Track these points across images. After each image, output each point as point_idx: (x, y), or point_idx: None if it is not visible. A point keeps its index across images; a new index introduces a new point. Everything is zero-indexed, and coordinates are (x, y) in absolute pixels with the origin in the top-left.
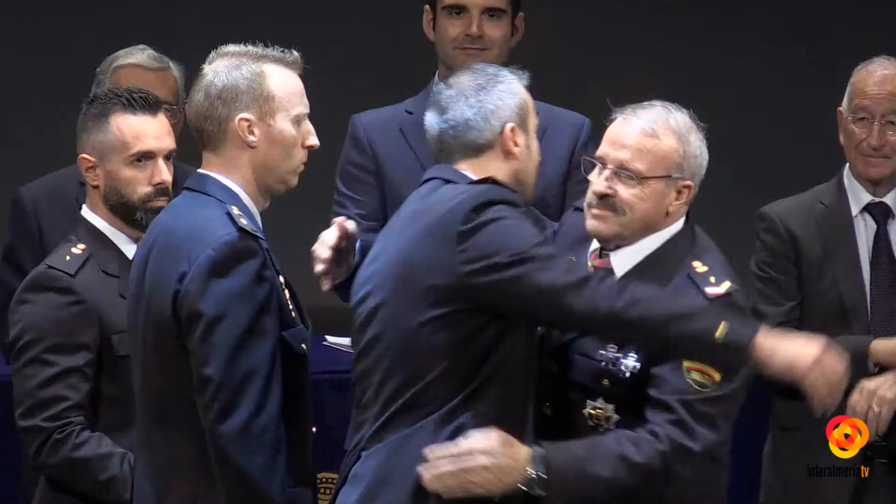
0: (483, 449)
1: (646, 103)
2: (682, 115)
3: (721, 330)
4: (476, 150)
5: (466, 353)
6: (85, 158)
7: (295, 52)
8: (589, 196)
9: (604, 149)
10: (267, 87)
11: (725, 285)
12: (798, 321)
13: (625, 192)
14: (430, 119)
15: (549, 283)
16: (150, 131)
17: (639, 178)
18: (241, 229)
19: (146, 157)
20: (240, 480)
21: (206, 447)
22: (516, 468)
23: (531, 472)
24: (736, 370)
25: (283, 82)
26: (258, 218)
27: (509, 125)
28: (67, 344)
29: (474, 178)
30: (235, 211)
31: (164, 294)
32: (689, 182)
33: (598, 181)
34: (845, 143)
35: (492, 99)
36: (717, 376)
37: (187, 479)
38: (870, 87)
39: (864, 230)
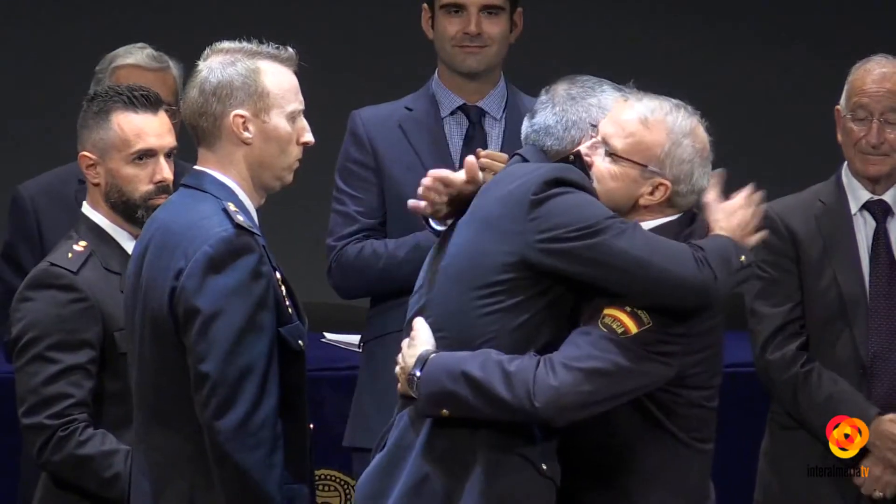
0: (402, 351)
1: (664, 97)
2: (687, 119)
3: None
4: (553, 156)
5: (515, 322)
6: (86, 156)
7: (290, 49)
8: None
9: (602, 121)
10: (262, 83)
11: None
12: (799, 321)
13: (600, 163)
14: (524, 123)
15: (627, 249)
16: (152, 129)
17: (613, 156)
18: (238, 225)
19: (147, 154)
20: (237, 477)
21: (202, 444)
22: (407, 370)
23: (413, 372)
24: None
25: (278, 79)
26: (254, 214)
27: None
28: (70, 341)
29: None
30: (232, 207)
31: (160, 290)
32: (666, 182)
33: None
34: (844, 141)
35: (577, 110)
36: (631, 327)
37: (184, 475)
38: (868, 84)
39: (864, 228)
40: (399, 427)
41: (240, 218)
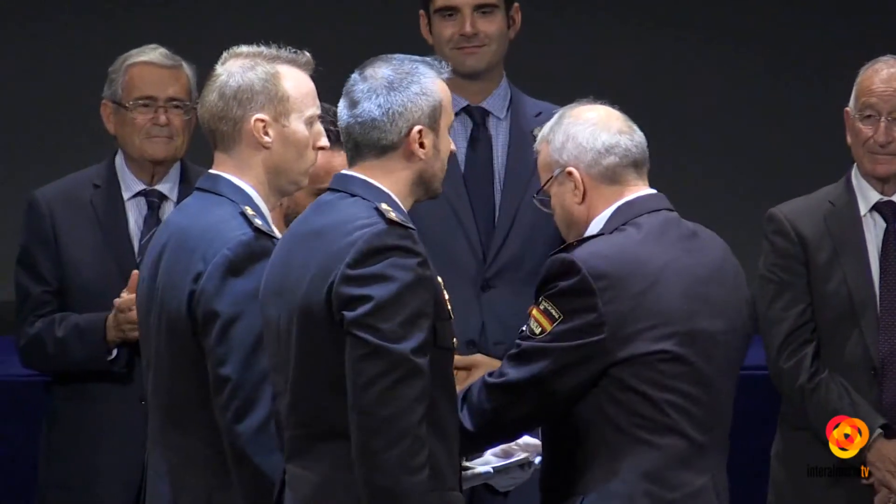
0: None
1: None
2: (560, 112)
3: None
4: (380, 150)
5: None
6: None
7: (307, 53)
8: None
9: None
10: (282, 87)
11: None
12: (809, 325)
13: (553, 200)
14: (341, 109)
15: (371, 378)
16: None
17: (544, 193)
18: (257, 229)
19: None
20: (256, 479)
21: (219, 445)
22: None
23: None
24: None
25: (297, 83)
26: (270, 218)
27: (417, 128)
28: None
29: (375, 184)
30: (249, 211)
31: (178, 294)
32: (570, 169)
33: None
34: (852, 142)
35: (401, 100)
36: (548, 326)
37: (201, 476)
38: (876, 84)
39: (874, 229)
40: None
41: (258, 222)
